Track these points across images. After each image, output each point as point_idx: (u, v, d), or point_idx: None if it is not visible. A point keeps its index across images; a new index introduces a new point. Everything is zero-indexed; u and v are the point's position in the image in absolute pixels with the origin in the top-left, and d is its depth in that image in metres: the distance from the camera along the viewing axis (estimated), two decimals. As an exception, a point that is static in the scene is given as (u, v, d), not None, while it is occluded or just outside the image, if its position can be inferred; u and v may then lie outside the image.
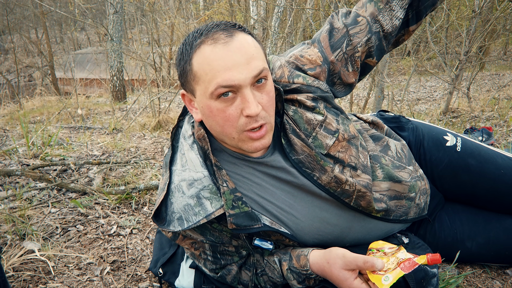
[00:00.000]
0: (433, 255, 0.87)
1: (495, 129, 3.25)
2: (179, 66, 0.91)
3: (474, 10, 4.12)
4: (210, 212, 0.91)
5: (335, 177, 0.98)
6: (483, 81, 7.52)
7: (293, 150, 0.99)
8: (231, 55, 0.83)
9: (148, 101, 5.14)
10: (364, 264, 0.87)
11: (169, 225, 0.94)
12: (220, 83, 0.83)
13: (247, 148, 0.92)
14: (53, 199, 1.81)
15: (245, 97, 0.85)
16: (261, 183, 0.99)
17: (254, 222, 0.93)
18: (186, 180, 0.94)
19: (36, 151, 2.48)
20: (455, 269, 1.23)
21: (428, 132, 1.25)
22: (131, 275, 1.28)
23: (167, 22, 7.59)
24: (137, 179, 2.04)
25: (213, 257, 1.04)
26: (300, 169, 0.99)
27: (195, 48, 0.86)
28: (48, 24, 13.53)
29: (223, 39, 0.84)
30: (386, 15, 1.06)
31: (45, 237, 1.49)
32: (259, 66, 0.85)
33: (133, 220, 1.63)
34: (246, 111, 0.85)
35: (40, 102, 8.15)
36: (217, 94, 0.85)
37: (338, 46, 1.04)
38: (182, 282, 1.15)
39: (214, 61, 0.83)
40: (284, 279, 1.01)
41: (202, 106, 0.90)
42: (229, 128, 0.89)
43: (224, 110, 0.87)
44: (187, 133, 0.99)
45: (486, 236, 1.17)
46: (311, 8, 4.59)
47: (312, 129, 0.99)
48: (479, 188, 1.18)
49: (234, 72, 0.83)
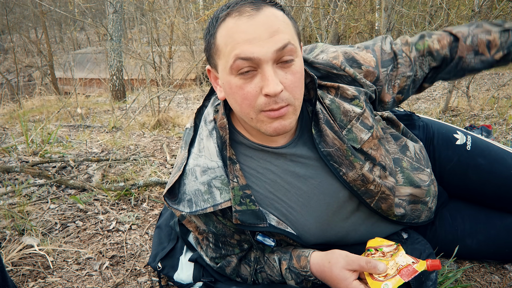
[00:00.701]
0: (433, 261, 0.86)
1: (495, 127, 3.25)
2: (205, 40, 0.88)
3: (474, 9, 4.12)
4: (218, 202, 0.90)
5: (362, 175, 0.96)
6: (483, 80, 7.51)
7: (322, 142, 0.95)
8: (254, 28, 0.78)
9: (148, 100, 5.15)
10: (366, 264, 0.86)
11: (179, 204, 0.94)
12: (238, 55, 0.78)
13: (266, 129, 0.86)
14: (52, 195, 1.81)
15: (264, 74, 0.80)
16: (276, 180, 0.96)
17: (259, 221, 0.92)
18: (201, 166, 0.93)
19: (36, 148, 2.48)
20: (454, 264, 1.23)
21: (438, 130, 1.23)
22: (130, 270, 1.28)
23: (166, 22, 7.59)
24: (136, 176, 2.04)
25: (214, 245, 1.03)
26: (328, 162, 0.95)
27: (220, 20, 0.83)
28: (47, 24, 13.53)
29: (249, 12, 0.80)
30: (418, 64, 1.07)
31: (44, 233, 1.49)
32: (283, 39, 0.79)
33: (132, 216, 1.63)
34: (265, 89, 0.79)
35: (40, 102, 8.15)
36: (235, 68, 0.80)
37: (386, 65, 1.03)
38: (181, 275, 1.15)
39: (235, 33, 0.79)
40: (282, 278, 1.01)
41: (224, 82, 0.86)
42: (247, 107, 0.84)
43: (242, 87, 0.82)
44: (209, 117, 0.97)
45: (486, 234, 1.16)
46: (311, 6, 4.59)
47: (348, 121, 0.95)
48: (487, 188, 1.16)
49: (254, 45, 0.78)
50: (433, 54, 1.06)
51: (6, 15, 9.57)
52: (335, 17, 4.06)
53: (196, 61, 6.95)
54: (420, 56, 1.07)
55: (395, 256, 0.90)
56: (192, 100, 7.49)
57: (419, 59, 1.07)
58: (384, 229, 1.09)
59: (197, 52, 9.09)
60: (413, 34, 1.35)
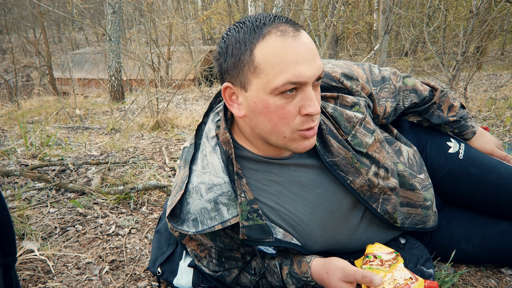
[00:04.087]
0: (431, 283, 0.88)
1: (492, 129, 3.27)
2: (233, 55, 0.82)
3: (472, 11, 4.14)
4: (226, 219, 0.90)
5: (368, 180, 0.98)
6: (480, 81, 7.54)
7: (327, 152, 0.96)
8: (301, 50, 0.78)
9: (146, 101, 5.15)
10: (362, 279, 0.87)
11: (182, 224, 0.92)
12: (290, 79, 0.78)
13: (296, 147, 0.87)
14: (52, 199, 1.81)
15: (307, 95, 0.81)
16: (282, 191, 0.97)
17: (266, 236, 0.92)
18: (206, 183, 0.92)
19: (35, 151, 2.48)
20: (451, 268, 1.24)
21: (431, 137, 1.25)
22: (129, 275, 1.29)
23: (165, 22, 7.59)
24: (135, 179, 2.04)
25: (217, 261, 1.03)
26: (335, 171, 0.97)
27: (259, 37, 0.79)
28: (46, 24, 13.51)
29: (293, 32, 0.79)
30: (402, 96, 1.18)
31: (44, 237, 1.49)
32: (322, 65, 0.82)
33: (131, 220, 1.64)
34: (308, 110, 0.81)
35: (38, 102, 8.14)
36: (282, 90, 0.79)
37: (375, 85, 1.11)
38: (181, 281, 1.16)
39: (284, 54, 0.78)
40: (283, 283, 1.02)
41: (256, 101, 0.82)
42: (283, 126, 0.83)
43: (284, 107, 0.81)
44: (211, 134, 0.96)
45: (481, 238, 1.17)
46: (309, 8, 4.60)
47: (352, 127, 0.98)
48: (479, 196, 1.18)
49: (303, 68, 0.78)
50: (417, 92, 1.19)
51: (4, 15, 9.56)
52: (333, 20, 4.07)
53: (195, 62, 6.95)
54: (405, 90, 1.17)
55: (393, 269, 0.91)
56: (191, 101, 7.49)
57: (404, 92, 1.17)
58: (385, 236, 1.10)
59: (195, 52, 9.09)
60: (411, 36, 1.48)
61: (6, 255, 0.75)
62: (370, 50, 5.78)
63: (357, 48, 7.53)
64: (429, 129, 1.28)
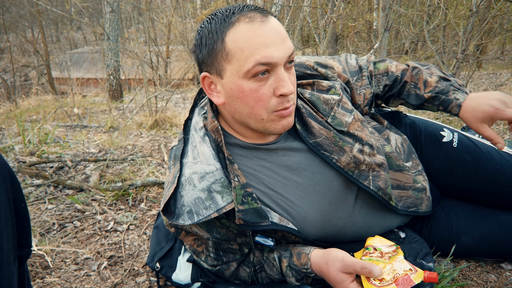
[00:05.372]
0: (430, 273, 0.87)
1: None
2: (206, 45, 0.87)
3: (471, 9, 4.13)
4: (221, 206, 0.90)
5: (354, 157, 1.00)
6: (480, 80, 7.54)
7: (309, 134, 1.00)
8: (268, 33, 0.83)
9: (145, 100, 5.14)
10: (361, 269, 0.87)
11: (178, 219, 0.92)
12: (259, 60, 0.82)
13: (275, 128, 0.91)
14: (50, 195, 1.80)
15: (279, 76, 0.85)
16: (272, 175, 0.98)
17: (262, 219, 0.92)
18: (198, 172, 0.93)
19: (33, 148, 2.47)
20: (451, 263, 1.23)
21: (425, 128, 1.26)
22: (128, 270, 1.28)
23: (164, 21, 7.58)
24: (134, 176, 2.03)
25: (215, 254, 1.03)
26: (319, 152, 0.99)
27: (228, 25, 0.84)
28: (44, 23, 13.48)
29: (260, 18, 0.84)
30: (375, 81, 1.18)
31: (42, 233, 1.48)
32: (292, 46, 0.87)
33: (130, 216, 1.63)
34: (281, 90, 0.85)
35: (36, 102, 8.12)
36: (253, 73, 0.84)
37: (353, 76, 1.13)
38: (179, 275, 1.15)
39: (252, 38, 0.83)
40: (283, 276, 1.02)
41: (231, 87, 0.87)
42: (260, 108, 0.88)
43: (258, 90, 0.86)
44: (198, 125, 0.98)
45: (481, 231, 1.17)
46: (309, 5, 4.60)
47: (330, 109, 1.02)
48: (474, 184, 1.19)
49: (272, 50, 0.83)
50: (388, 74, 1.18)
51: (2, 14, 9.53)
52: (333, 16, 4.07)
53: (193, 61, 6.93)
54: (377, 74, 1.17)
55: (393, 260, 0.90)
56: (190, 100, 7.47)
57: (377, 77, 1.17)
58: (381, 220, 1.09)
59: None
60: (411, 34, 1.47)
61: (22, 247, 0.74)
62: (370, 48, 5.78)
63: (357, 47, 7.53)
64: (422, 120, 1.29)
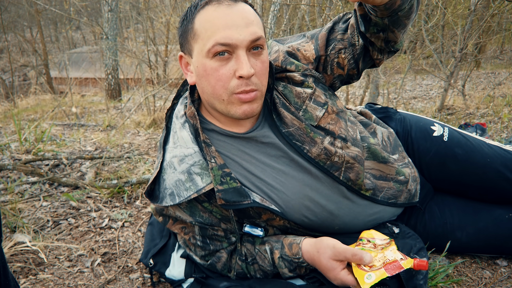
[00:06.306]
0: (420, 261, 0.87)
1: (489, 125, 3.26)
2: (181, 27, 0.94)
3: (470, 8, 4.13)
4: (201, 187, 0.93)
5: (324, 148, 1.00)
6: (479, 79, 7.54)
7: (283, 124, 1.01)
8: (232, 16, 0.87)
9: (143, 98, 5.13)
10: (352, 256, 0.88)
11: (161, 202, 0.96)
12: (218, 40, 0.86)
13: (236, 111, 0.93)
14: (45, 193, 1.80)
15: (239, 58, 0.88)
16: (251, 161, 1.00)
17: (243, 198, 0.93)
18: (178, 156, 0.96)
19: (29, 146, 2.46)
20: (446, 259, 1.23)
21: (415, 123, 1.26)
22: (122, 267, 1.28)
23: (162, 20, 7.56)
24: (129, 173, 2.03)
25: (202, 242, 1.04)
26: (290, 141, 1.01)
27: (199, 8, 0.90)
28: (43, 23, 13.47)
29: (227, 2, 0.88)
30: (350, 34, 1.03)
31: (36, 230, 1.48)
32: (257, 32, 0.89)
33: (125, 214, 1.62)
34: (239, 71, 0.87)
35: (35, 101, 8.12)
36: (213, 52, 0.87)
37: (330, 43, 1.06)
38: (173, 271, 1.14)
39: (215, 19, 0.87)
40: (275, 268, 1.01)
41: (198, 65, 0.92)
42: (220, 88, 0.90)
43: (218, 69, 0.89)
44: (180, 113, 1.02)
45: (475, 226, 1.17)
46: (307, 4, 4.59)
47: (302, 102, 1.03)
48: (466, 177, 1.19)
49: (233, 31, 0.86)
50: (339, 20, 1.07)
51: (1, 14, 9.52)
52: (330, 14, 4.06)
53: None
54: (350, 27, 1.03)
55: (385, 250, 0.90)
56: (188, 99, 7.47)
57: (350, 29, 1.03)
58: (367, 209, 1.08)
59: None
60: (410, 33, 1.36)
61: None
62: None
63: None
64: (413, 116, 1.30)
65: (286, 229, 1.05)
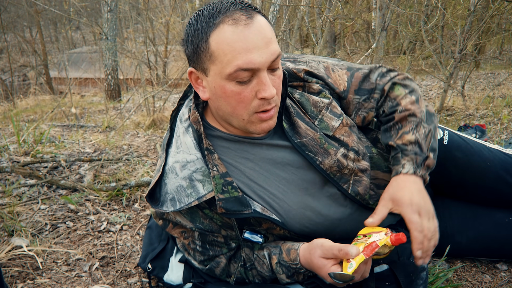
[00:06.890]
0: (396, 235, 0.86)
1: (489, 126, 3.26)
2: (192, 43, 0.88)
3: (469, 9, 4.12)
4: (202, 194, 0.92)
5: (337, 160, 0.99)
6: (478, 80, 7.53)
7: (295, 134, 1.00)
8: (252, 37, 0.83)
9: (142, 99, 5.12)
10: (339, 252, 0.88)
11: (162, 206, 0.95)
12: (241, 66, 0.83)
13: (255, 129, 0.92)
14: (43, 195, 1.79)
15: (261, 80, 0.86)
16: (255, 168, 0.99)
17: (244, 207, 0.93)
18: (180, 161, 0.95)
19: (27, 148, 2.46)
20: (446, 263, 1.22)
21: None
22: (120, 271, 1.27)
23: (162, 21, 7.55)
24: (128, 176, 2.02)
25: (201, 247, 1.03)
26: (303, 152, 0.99)
27: (213, 26, 0.84)
28: (42, 23, 13.46)
29: (244, 20, 0.83)
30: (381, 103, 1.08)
31: (34, 234, 1.47)
32: (277, 50, 0.86)
33: (123, 217, 1.62)
34: (263, 94, 0.86)
35: (34, 102, 8.11)
36: (235, 77, 0.85)
37: (361, 94, 1.07)
38: (171, 276, 1.14)
39: (234, 43, 0.82)
40: (273, 273, 1.01)
41: (215, 86, 0.88)
42: (241, 109, 0.89)
43: (240, 92, 0.87)
44: (184, 117, 1.00)
45: (476, 230, 1.17)
46: (306, 5, 4.59)
47: (319, 112, 1.02)
48: (466, 181, 1.18)
49: (254, 55, 0.83)
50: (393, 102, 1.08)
51: (0, 14, 9.50)
52: (330, 16, 4.06)
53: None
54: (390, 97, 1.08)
55: (371, 237, 0.89)
56: (188, 99, 7.46)
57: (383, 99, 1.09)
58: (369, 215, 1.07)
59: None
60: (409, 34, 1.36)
61: None
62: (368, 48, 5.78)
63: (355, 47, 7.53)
64: None
65: (286, 238, 1.05)
